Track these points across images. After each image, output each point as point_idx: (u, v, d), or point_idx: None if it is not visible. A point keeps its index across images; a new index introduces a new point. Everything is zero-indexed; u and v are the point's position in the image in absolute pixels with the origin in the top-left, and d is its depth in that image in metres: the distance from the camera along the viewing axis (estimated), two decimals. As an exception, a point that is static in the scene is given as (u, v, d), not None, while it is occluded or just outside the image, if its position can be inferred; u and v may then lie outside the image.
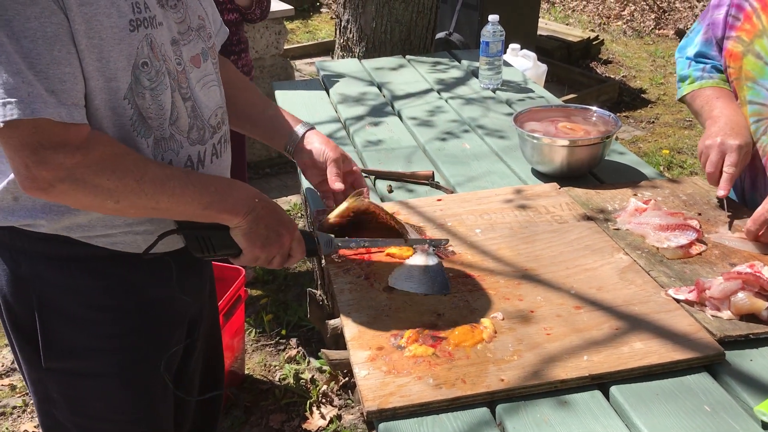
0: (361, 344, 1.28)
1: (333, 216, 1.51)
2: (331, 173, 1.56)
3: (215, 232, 1.31)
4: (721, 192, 1.62)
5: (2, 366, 2.90)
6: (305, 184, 2.00)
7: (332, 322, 2.02)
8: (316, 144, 1.59)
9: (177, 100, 1.28)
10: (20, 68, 1.05)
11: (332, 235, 1.47)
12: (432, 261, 1.49)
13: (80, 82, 1.12)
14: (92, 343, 1.33)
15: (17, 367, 1.46)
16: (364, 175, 1.98)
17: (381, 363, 1.23)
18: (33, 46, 1.06)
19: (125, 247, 1.29)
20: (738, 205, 1.74)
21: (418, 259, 1.50)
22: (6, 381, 2.82)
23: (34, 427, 2.59)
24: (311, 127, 1.62)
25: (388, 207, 1.75)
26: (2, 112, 1.05)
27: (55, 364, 1.33)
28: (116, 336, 1.34)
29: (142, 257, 1.30)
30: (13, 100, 1.05)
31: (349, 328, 1.33)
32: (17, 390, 2.77)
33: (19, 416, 2.65)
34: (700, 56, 1.87)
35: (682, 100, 1.90)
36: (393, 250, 1.54)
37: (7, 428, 2.59)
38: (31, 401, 2.68)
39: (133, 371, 1.38)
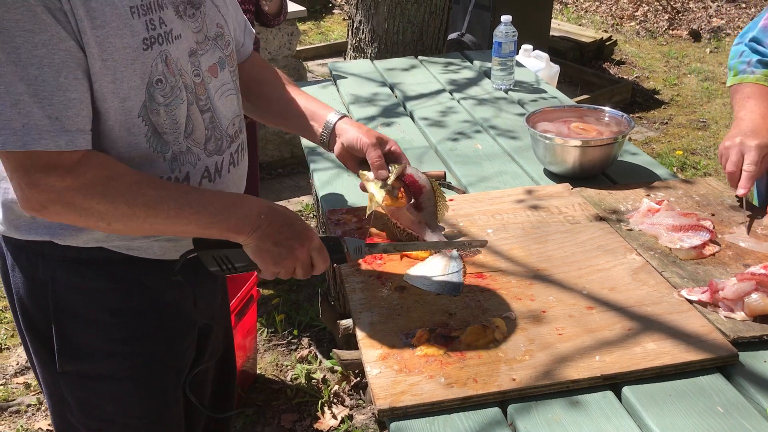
0: (372, 343, 1.28)
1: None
2: (373, 161, 1.49)
3: (232, 250, 1.28)
4: (741, 191, 1.61)
5: (17, 364, 2.93)
6: (318, 185, 2.01)
7: (344, 322, 2.02)
8: (349, 133, 1.52)
9: (194, 112, 1.28)
10: (20, 98, 1.06)
11: (363, 241, 1.41)
12: (453, 263, 1.49)
13: (86, 107, 1.13)
14: (106, 346, 1.34)
15: (32, 369, 1.47)
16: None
17: (392, 362, 1.23)
18: (39, 72, 1.07)
19: (141, 253, 1.30)
20: (755, 207, 1.73)
21: (438, 260, 1.50)
22: (21, 379, 2.85)
23: (48, 425, 2.61)
24: (342, 116, 1.55)
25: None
26: None
27: (69, 367, 1.34)
28: (130, 339, 1.35)
29: (170, 279, 1.30)
30: (6, 131, 1.06)
31: (361, 327, 1.33)
32: (32, 388, 2.79)
33: (33, 414, 2.67)
34: (754, 41, 1.84)
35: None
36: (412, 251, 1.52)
37: (21, 426, 2.61)
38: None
39: (146, 374, 1.39)
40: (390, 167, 1.51)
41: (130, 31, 1.15)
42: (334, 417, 2.62)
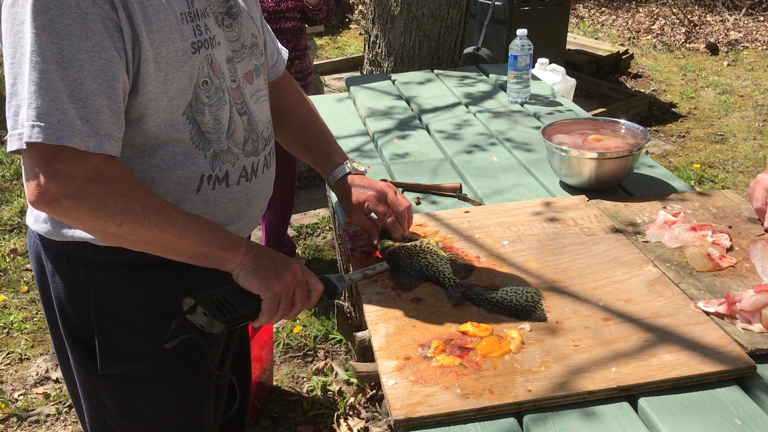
0: (388, 354, 1.29)
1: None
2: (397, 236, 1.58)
3: (228, 291, 1.26)
4: (767, 224, 1.65)
5: (36, 374, 2.96)
6: (334, 197, 2.02)
7: (360, 334, 2.03)
8: (354, 191, 1.59)
9: (234, 114, 1.34)
10: (58, 95, 1.11)
11: (342, 275, 1.45)
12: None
13: (116, 115, 1.17)
14: (146, 348, 1.37)
15: (63, 374, 1.50)
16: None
17: (408, 373, 1.23)
18: (78, 75, 1.12)
19: None
20: None
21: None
22: (40, 389, 2.87)
23: (67, 435, 2.63)
24: (351, 172, 1.62)
25: (415, 219, 1.76)
26: (29, 133, 1.10)
27: (110, 369, 1.37)
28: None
29: (163, 346, 1.26)
30: (42, 124, 1.10)
31: (377, 338, 1.34)
32: (51, 398, 2.82)
33: (52, 424, 2.70)
34: None
35: None
36: (467, 327, 1.36)
37: (40, 436, 2.63)
38: (64, 409, 2.73)
39: (183, 376, 1.42)
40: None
41: (181, 36, 1.22)
42: (350, 429, 2.62)
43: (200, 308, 1.23)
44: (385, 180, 2.02)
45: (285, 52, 1.69)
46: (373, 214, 1.59)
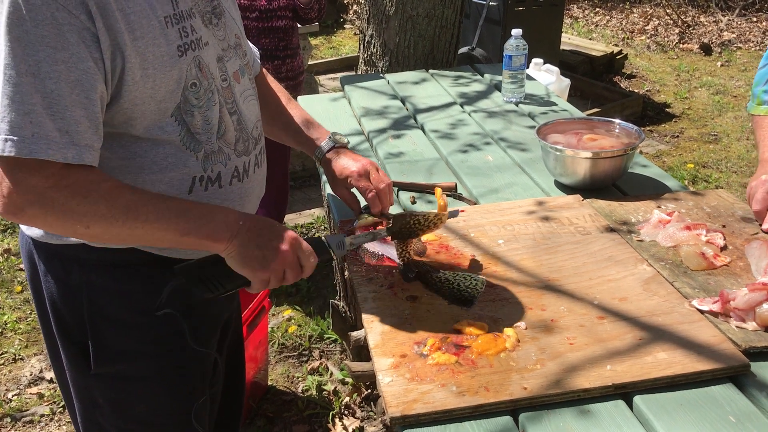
0: (384, 352, 1.29)
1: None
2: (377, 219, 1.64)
3: (216, 267, 1.26)
4: (766, 225, 1.64)
5: (30, 375, 2.95)
6: (329, 194, 2.02)
7: (355, 334, 2.03)
8: (338, 166, 1.65)
9: (224, 114, 1.34)
10: (34, 108, 1.09)
11: (343, 235, 1.42)
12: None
13: (94, 126, 1.16)
14: (139, 347, 1.37)
15: (55, 375, 1.49)
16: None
17: (404, 370, 1.24)
18: (55, 87, 1.10)
19: (171, 253, 1.33)
20: None
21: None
22: (34, 389, 2.87)
23: (61, 435, 2.62)
24: (335, 145, 1.67)
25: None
26: (1, 147, 1.09)
27: (103, 368, 1.37)
28: (162, 340, 1.38)
29: (154, 313, 1.29)
30: (15, 138, 1.09)
31: (373, 336, 1.34)
32: (45, 398, 2.81)
33: (46, 424, 2.69)
34: None
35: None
36: (463, 325, 1.37)
37: (34, 436, 2.63)
38: (59, 410, 2.73)
39: (176, 374, 1.41)
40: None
41: (166, 40, 1.21)
42: (345, 429, 2.62)
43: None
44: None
45: (256, 50, 1.71)
46: (355, 190, 1.64)
